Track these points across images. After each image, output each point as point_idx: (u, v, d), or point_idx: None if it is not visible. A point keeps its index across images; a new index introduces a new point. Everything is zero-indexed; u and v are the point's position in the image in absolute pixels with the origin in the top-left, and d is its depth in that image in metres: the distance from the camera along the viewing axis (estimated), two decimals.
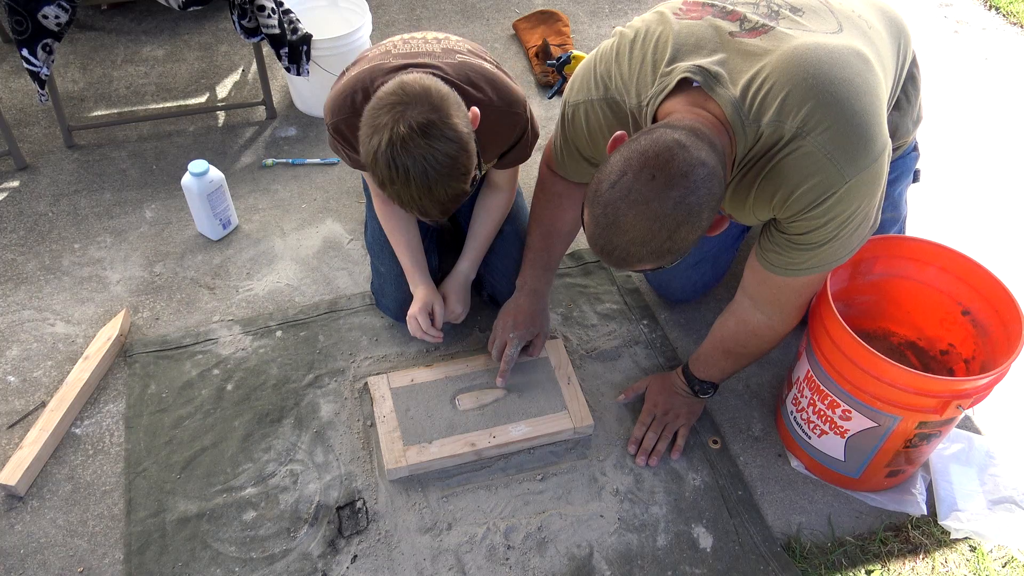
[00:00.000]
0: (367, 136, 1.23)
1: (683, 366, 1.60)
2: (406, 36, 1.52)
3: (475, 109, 1.34)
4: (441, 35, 1.53)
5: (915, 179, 1.67)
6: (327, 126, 1.47)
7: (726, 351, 1.52)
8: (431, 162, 1.21)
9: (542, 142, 2.05)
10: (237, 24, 2.02)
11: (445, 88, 1.26)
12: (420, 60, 1.40)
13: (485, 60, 1.50)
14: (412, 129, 1.19)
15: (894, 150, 1.52)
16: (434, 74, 1.36)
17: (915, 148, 1.65)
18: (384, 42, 1.54)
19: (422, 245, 1.69)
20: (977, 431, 1.64)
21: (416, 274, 1.66)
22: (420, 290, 1.66)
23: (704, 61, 1.18)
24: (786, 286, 1.36)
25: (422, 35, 1.52)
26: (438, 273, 1.76)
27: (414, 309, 1.64)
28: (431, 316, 1.64)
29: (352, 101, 1.40)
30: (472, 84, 1.41)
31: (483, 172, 1.34)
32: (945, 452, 1.55)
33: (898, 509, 1.51)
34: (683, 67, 1.19)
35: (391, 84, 1.25)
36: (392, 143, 1.20)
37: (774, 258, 1.32)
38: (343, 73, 1.53)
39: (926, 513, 1.50)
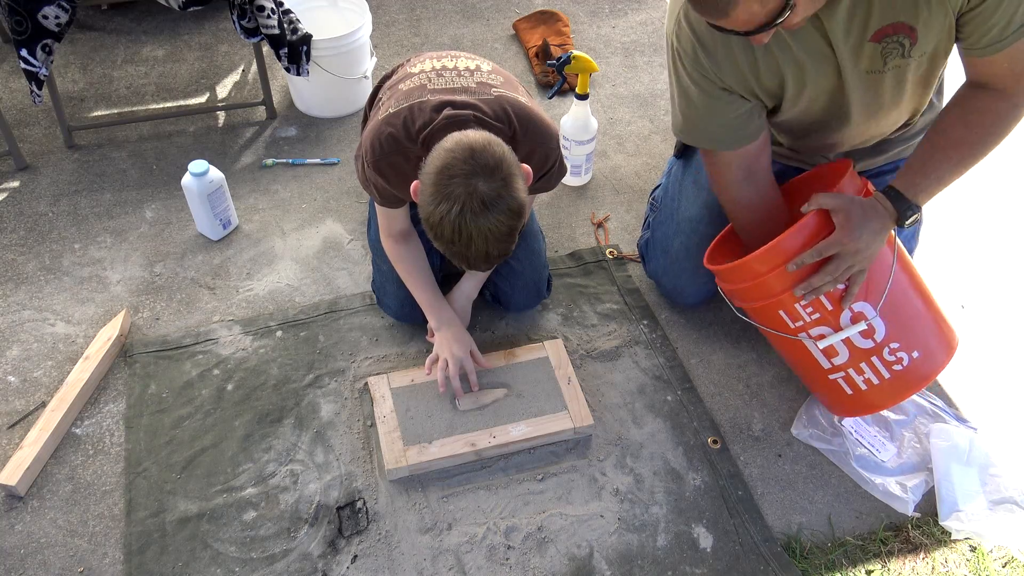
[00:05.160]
0: (435, 199, 1.25)
1: (885, 191, 1.38)
2: (437, 65, 1.50)
3: (528, 167, 1.35)
4: (472, 63, 1.52)
5: None
6: (367, 163, 1.45)
7: (957, 143, 1.35)
8: (494, 232, 1.26)
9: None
10: (237, 24, 2.02)
11: (510, 154, 1.28)
12: (458, 97, 1.41)
13: (518, 92, 1.50)
14: (484, 204, 1.23)
15: (927, 125, 1.56)
16: (475, 116, 1.37)
17: None
18: (414, 69, 1.51)
19: (435, 284, 1.68)
20: (977, 431, 1.64)
21: (443, 312, 1.65)
22: (453, 329, 1.63)
23: None
24: (1020, 51, 1.26)
25: (453, 63, 1.51)
26: (440, 272, 1.75)
27: (453, 353, 1.60)
28: (472, 357, 1.63)
29: (395, 139, 1.41)
30: (508, 122, 1.42)
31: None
32: (945, 447, 1.55)
33: (887, 502, 1.52)
34: None
35: (460, 148, 1.25)
36: (463, 214, 1.23)
37: (994, 34, 1.24)
38: (376, 105, 1.53)
39: (912, 514, 1.51)
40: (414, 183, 1.31)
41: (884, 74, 1.34)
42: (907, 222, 1.36)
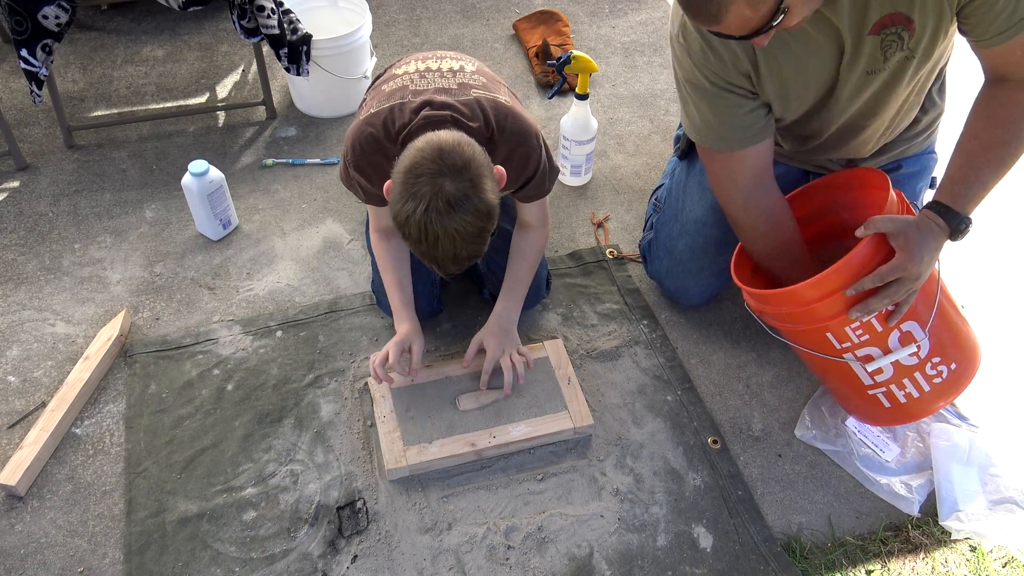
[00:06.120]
0: (402, 198, 1.26)
1: (932, 207, 1.35)
2: (421, 66, 1.51)
3: (501, 169, 1.36)
4: (456, 64, 1.52)
5: (932, 185, 1.66)
6: (348, 163, 1.47)
7: (992, 144, 1.32)
8: (461, 232, 1.26)
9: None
10: (237, 24, 2.02)
11: (480, 155, 1.29)
12: (438, 98, 1.42)
13: (499, 93, 1.50)
14: (450, 204, 1.23)
15: (930, 124, 1.59)
16: (452, 117, 1.38)
17: (933, 151, 1.66)
18: (399, 71, 1.52)
19: (411, 284, 1.67)
20: (978, 430, 1.64)
21: (404, 312, 1.64)
22: (404, 326, 1.63)
23: None
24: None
25: (437, 64, 1.51)
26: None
27: (391, 342, 1.60)
28: (409, 353, 1.60)
29: (375, 140, 1.42)
30: (486, 122, 1.42)
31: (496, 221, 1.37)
32: (945, 447, 1.55)
33: (892, 503, 1.52)
34: None
35: (430, 147, 1.26)
36: (428, 213, 1.24)
37: (1002, 21, 1.22)
38: (361, 105, 1.54)
39: (916, 514, 1.50)
40: (387, 183, 1.32)
41: (883, 74, 1.34)
42: (960, 236, 1.34)
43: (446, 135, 1.29)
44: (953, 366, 1.43)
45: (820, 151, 1.59)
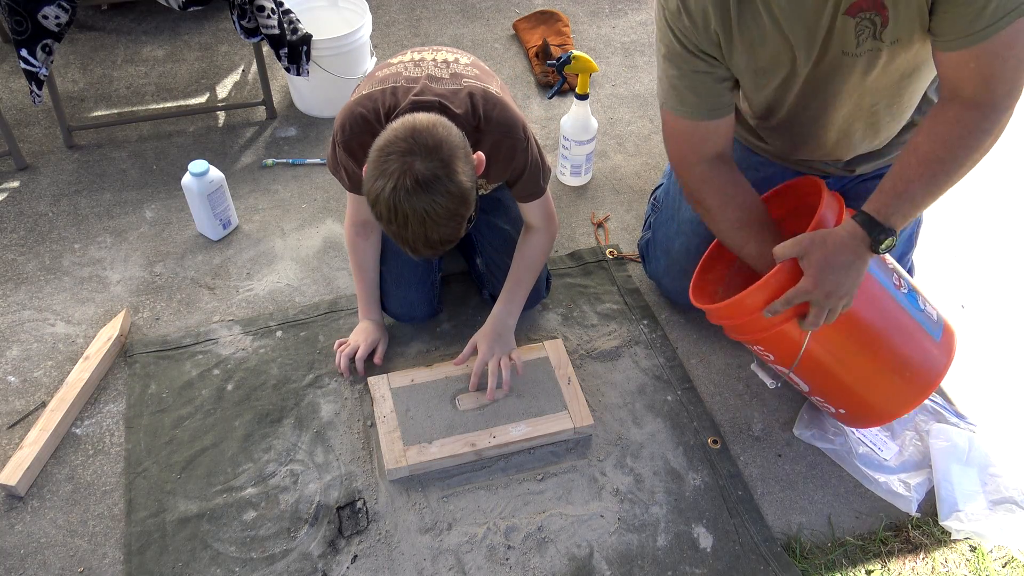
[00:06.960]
0: (373, 176, 1.27)
1: (855, 216, 1.31)
2: (416, 57, 1.52)
3: (480, 154, 1.37)
4: (451, 56, 1.53)
5: None
6: (338, 143, 1.48)
7: (928, 160, 1.26)
8: (431, 214, 1.25)
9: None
10: (237, 24, 2.03)
11: (456, 138, 1.29)
12: (429, 85, 1.43)
13: (490, 84, 1.51)
14: (418, 183, 1.23)
15: None
16: (440, 103, 1.39)
17: None
18: (395, 60, 1.54)
19: (379, 283, 1.72)
20: (978, 430, 1.64)
21: (371, 307, 1.71)
22: (369, 324, 1.69)
23: None
24: (990, 52, 1.19)
25: (432, 56, 1.52)
26: (440, 271, 1.76)
27: (361, 339, 1.67)
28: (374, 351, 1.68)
29: (366, 120, 1.43)
30: (474, 111, 1.43)
31: (476, 213, 1.38)
32: (945, 447, 1.55)
33: (891, 501, 1.52)
34: None
35: (403, 127, 1.27)
36: (396, 191, 1.24)
37: (962, 26, 1.19)
38: (355, 91, 1.56)
39: (914, 514, 1.51)
40: (365, 164, 1.32)
41: (857, 58, 1.32)
42: (881, 247, 1.29)
43: (423, 116, 1.29)
44: (842, 411, 1.52)
45: (802, 150, 1.59)
